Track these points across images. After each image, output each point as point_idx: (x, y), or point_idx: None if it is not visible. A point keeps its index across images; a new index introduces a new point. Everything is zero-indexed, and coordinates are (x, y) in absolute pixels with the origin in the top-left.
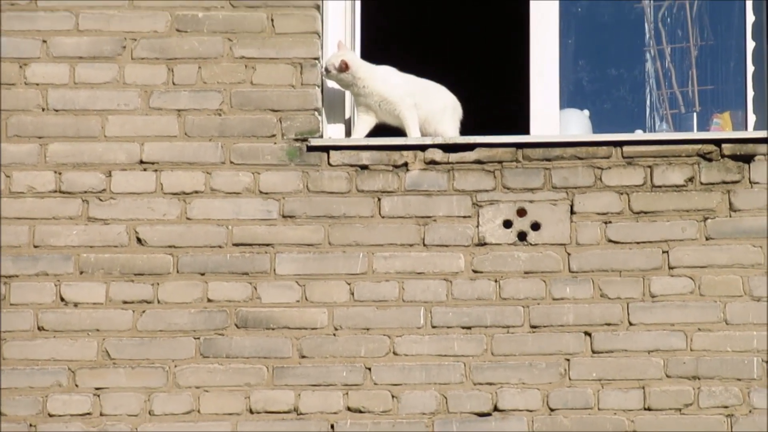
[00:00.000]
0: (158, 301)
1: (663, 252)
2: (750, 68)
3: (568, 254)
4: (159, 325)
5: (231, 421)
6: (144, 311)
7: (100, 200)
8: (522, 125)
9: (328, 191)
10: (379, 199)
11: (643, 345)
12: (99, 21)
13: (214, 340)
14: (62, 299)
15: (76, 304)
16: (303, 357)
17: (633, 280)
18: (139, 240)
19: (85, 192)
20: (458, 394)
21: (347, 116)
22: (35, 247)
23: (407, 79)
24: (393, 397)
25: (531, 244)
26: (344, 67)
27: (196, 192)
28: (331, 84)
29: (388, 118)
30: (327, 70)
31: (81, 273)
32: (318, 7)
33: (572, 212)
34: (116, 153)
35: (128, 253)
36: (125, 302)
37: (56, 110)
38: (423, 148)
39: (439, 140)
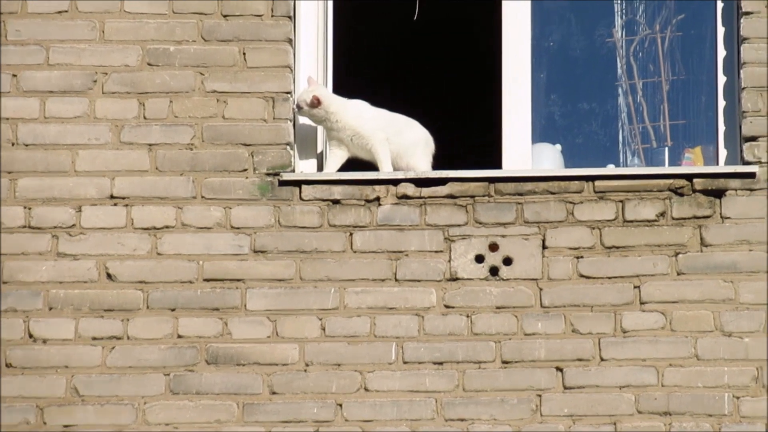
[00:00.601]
0: (128, 337)
1: (634, 287)
2: (721, 103)
3: (540, 289)
4: (129, 362)
5: None
6: (113, 347)
7: (70, 235)
8: (494, 159)
9: (299, 226)
10: (350, 234)
11: (615, 380)
12: (69, 55)
13: (184, 376)
14: (31, 335)
15: (44, 341)
16: (274, 393)
17: (604, 315)
18: (109, 275)
19: (55, 227)
20: (430, 431)
21: (319, 150)
22: (4, 282)
23: (379, 113)
24: None
25: (503, 279)
26: (316, 103)
27: (167, 227)
28: (303, 119)
29: (361, 153)
30: (299, 107)
31: (50, 309)
32: (290, 41)
33: (544, 247)
34: (86, 188)
35: (98, 288)
36: (95, 338)
37: (26, 145)
38: (395, 182)
39: (411, 175)
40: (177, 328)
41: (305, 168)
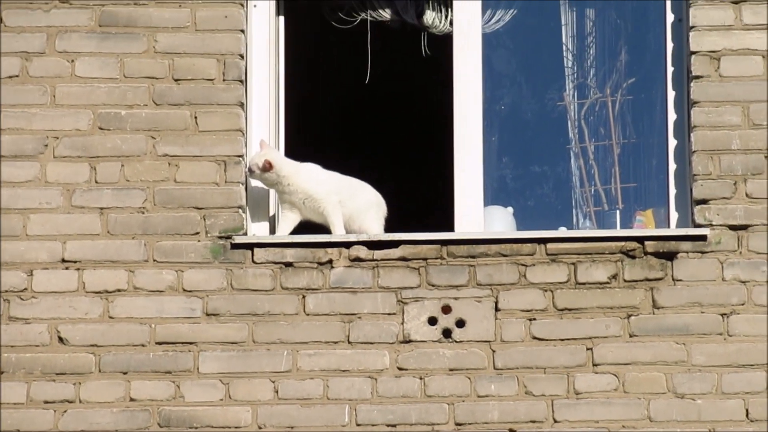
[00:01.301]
0: (80, 401)
1: (587, 349)
2: (672, 166)
3: (493, 351)
4: (81, 425)
5: None
6: (65, 411)
7: (22, 299)
8: (447, 222)
9: (252, 289)
10: (303, 297)
11: None
12: (20, 119)
13: None
14: None
15: None
16: None
17: (558, 377)
18: (60, 339)
19: (6, 291)
20: None
21: (271, 213)
22: None
23: (331, 176)
24: None
25: (456, 341)
26: (268, 167)
27: (119, 290)
28: (255, 182)
29: (313, 216)
30: (251, 170)
31: (2, 373)
32: (242, 105)
33: (497, 309)
34: (38, 252)
35: (50, 352)
36: (46, 402)
37: None
38: (348, 245)
39: (363, 237)
40: (129, 391)
41: (258, 231)
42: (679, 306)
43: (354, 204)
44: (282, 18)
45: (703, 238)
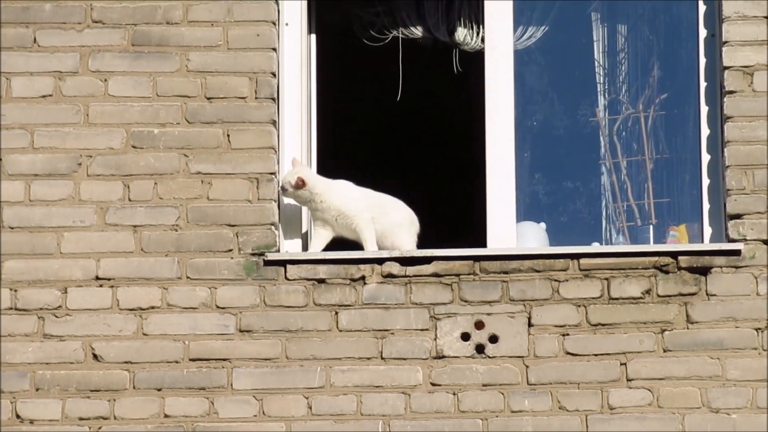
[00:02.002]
0: (115, 417)
1: (621, 364)
2: (705, 181)
3: (526, 366)
4: None
5: None
6: (100, 427)
7: (56, 317)
8: (479, 238)
9: (285, 305)
10: (336, 313)
11: None
12: (54, 138)
13: None
14: (18, 416)
15: (32, 421)
16: None
17: (591, 392)
18: (95, 356)
19: (41, 309)
20: None
21: (304, 230)
22: None
23: (364, 193)
24: None
25: (489, 357)
26: (301, 184)
27: (153, 307)
28: (287, 199)
29: (345, 232)
30: (284, 188)
31: (37, 390)
32: (274, 123)
33: (530, 324)
34: (72, 269)
35: (84, 369)
36: (81, 419)
37: (11, 227)
38: (380, 261)
39: (396, 253)
40: (163, 407)
41: (290, 248)
42: (713, 321)
43: (386, 221)
44: (314, 36)
45: (737, 252)
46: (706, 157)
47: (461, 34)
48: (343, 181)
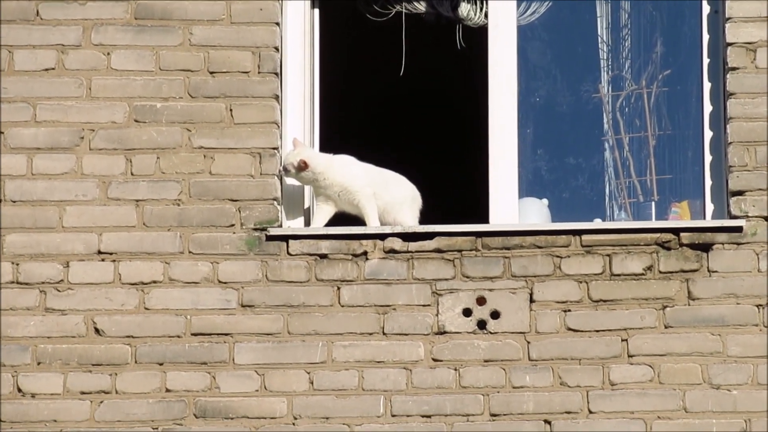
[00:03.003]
0: (116, 392)
1: (622, 340)
2: (708, 157)
3: (528, 342)
4: (117, 416)
5: None
6: (102, 402)
7: (58, 291)
8: (482, 214)
9: (287, 280)
10: (338, 288)
11: None
12: (56, 112)
13: (173, 430)
14: (19, 390)
15: (33, 395)
16: None
17: (592, 368)
18: (97, 330)
19: (43, 283)
20: None
21: (306, 205)
22: None
23: (366, 168)
24: None
25: (491, 333)
26: (303, 166)
27: (155, 282)
28: (290, 179)
29: (348, 207)
30: (286, 169)
31: (38, 364)
32: (277, 97)
33: (532, 300)
34: (74, 243)
35: (86, 343)
36: (83, 393)
37: (13, 201)
38: (382, 237)
39: (398, 229)
40: (165, 382)
41: (292, 223)
42: (714, 297)
43: (389, 196)
44: (317, 11)
45: (738, 229)
46: (708, 134)
47: (464, 9)
48: (345, 156)
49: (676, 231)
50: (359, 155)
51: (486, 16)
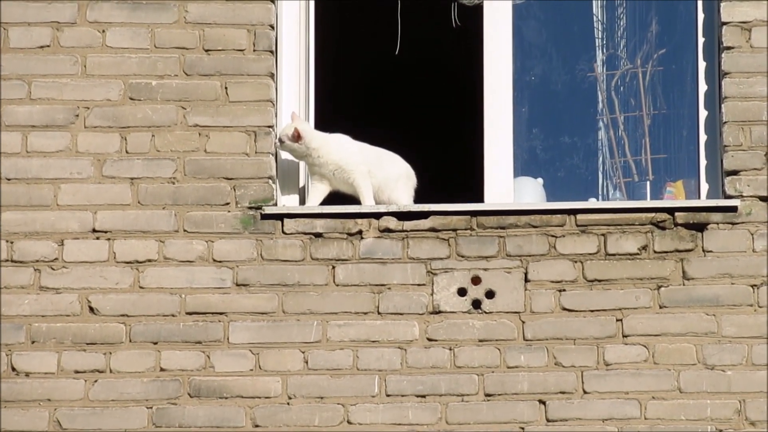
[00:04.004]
0: (110, 371)
1: (617, 320)
2: (702, 137)
3: (523, 322)
4: (111, 395)
5: None
6: (96, 381)
7: (52, 269)
8: (476, 193)
9: (282, 259)
10: (333, 267)
11: (598, 413)
12: (51, 90)
13: (167, 409)
14: (14, 369)
15: (27, 374)
16: (256, 426)
17: (587, 348)
18: (91, 309)
19: (37, 261)
20: None
21: (301, 184)
22: None
23: (361, 147)
24: None
25: (485, 312)
26: (297, 137)
27: (149, 260)
28: (284, 153)
29: (342, 186)
30: (281, 140)
31: (33, 342)
32: (272, 75)
33: (526, 280)
34: (68, 222)
35: (80, 322)
36: (77, 371)
37: (8, 179)
38: (377, 216)
39: (393, 208)
40: (160, 361)
41: (287, 202)
42: (709, 277)
43: (383, 174)
44: None
45: (733, 209)
46: (703, 113)
47: None
48: (340, 134)
49: (670, 210)
50: (354, 133)
51: None
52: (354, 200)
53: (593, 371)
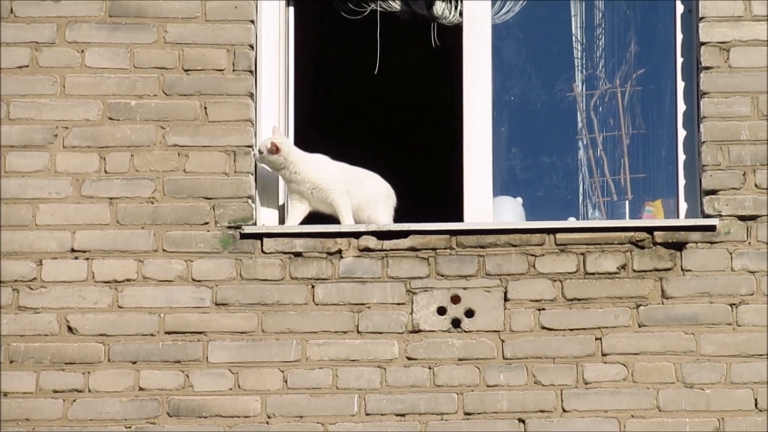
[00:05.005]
0: (89, 390)
1: (596, 339)
2: (681, 156)
3: (502, 341)
4: (90, 414)
5: None
6: (75, 400)
7: (31, 289)
8: (456, 212)
9: (261, 278)
10: (312, 287)
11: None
12: (30, 110)
13: (146, 429)
14: None
15: (5, 394)
16: None
17: (566, 366)
18: (70, 328)
19: (16, 281)
20: None
21: (281, 203)
22: None
23: (340, 167)
24: None
25: (465, 331)
26: (275, 150)
27: (128, 280)
28: (264, 172)
29: (321, 206)
30: (260, 151)
31: (11, 362)
32: (251, 95)
33: (506, 299)
34: (47, 241)
35: (59, 341)
36: (55, 391)
37: None
38: (357, 235)
39: (372, 227)
40: (138, 380)
41: (267, 221)
42: (688, 296)
43: (362, 194)
44: (292, 8)
45: (712, 228)
46: (682, 133)
47: (439, 7)
48: (319, 155)
49: (649, 230)
50: (334, 152)
51: (461, 14)
52: (333, 220)
53: (572, 390)
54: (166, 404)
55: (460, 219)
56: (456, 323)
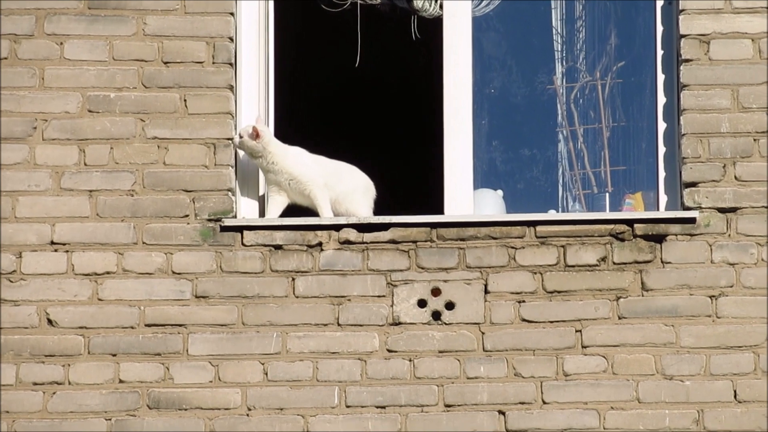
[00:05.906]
0: (69, 383)
1: (576, 331)
2: (661, 149)
3: (482, 333)
4: (70, 407)
5: None
6: (55, 393)
7: (11, 281)
8: (436, 205)
9: (241, 271)
10: (293, 279)
11: (557, 424)
12: (9, 102)
13: (126, 421)
14: None
15: None
16: None
17: (547, 358)
18: (50, 321)
19: None
20: None
21: (261, 196)
22: None
23: (318, 160)
24: None
25: (445, 324)
26: (255, 135)
27: (108, 273)
28: (244, 165)
29: (299, 198)
30: (240, 136)
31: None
32: (232, 88)
33: (486, 291)
34: (27, 234)
35: (39, 334)
36: (35, 384)
37: None
38: (337, 227)
39: (353, 220)
40: (119, 373)
41: (247, 214)
42: (668, 288)
43: (341, 187)
44: (272, 1)
45: (692, 220)
46: (662, 126)
47: (419, 0)
48: (298, 148)
49: (629, 222)
50: (314, 145)
51: (441, 7)
52: (313, 212)
53: (552, 382)
54: (147, 397)
55: (440, 212)
56: (436, 316)
